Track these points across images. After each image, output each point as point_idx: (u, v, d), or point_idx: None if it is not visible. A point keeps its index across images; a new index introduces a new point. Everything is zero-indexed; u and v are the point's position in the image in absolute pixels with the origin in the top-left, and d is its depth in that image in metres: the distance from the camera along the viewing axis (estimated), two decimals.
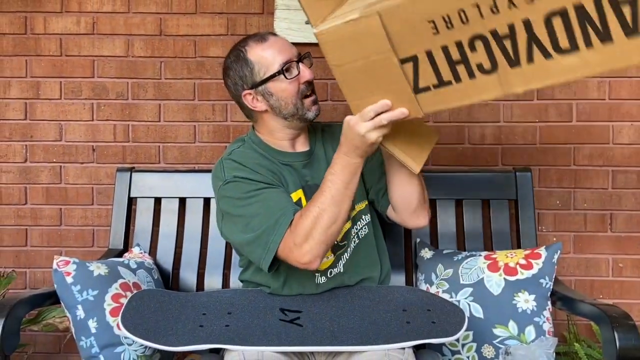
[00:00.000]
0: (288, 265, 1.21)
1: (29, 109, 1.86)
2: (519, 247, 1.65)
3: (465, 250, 1.62)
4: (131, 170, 1.75)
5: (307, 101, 1.30)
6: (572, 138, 1.82)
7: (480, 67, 0.93)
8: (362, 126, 1.09)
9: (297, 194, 1.31)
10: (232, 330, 1.18)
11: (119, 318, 1.22)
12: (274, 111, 1.30)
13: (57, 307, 1.58)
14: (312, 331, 1.18)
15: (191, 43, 1.84)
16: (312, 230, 1.14)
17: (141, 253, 1.66)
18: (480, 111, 1.82)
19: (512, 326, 1.37)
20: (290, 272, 1.29)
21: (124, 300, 1.35)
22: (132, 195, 1.74)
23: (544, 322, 1.39)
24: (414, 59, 0.99)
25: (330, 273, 1.33)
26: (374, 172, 1.40)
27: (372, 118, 1.08)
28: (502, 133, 1.82)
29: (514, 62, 0.90)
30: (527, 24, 0.87)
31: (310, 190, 1.30)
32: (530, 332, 1.37)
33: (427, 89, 1.01)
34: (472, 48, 0.93)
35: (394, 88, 1.04)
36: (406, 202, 1.32)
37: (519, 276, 1.40)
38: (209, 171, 1.76)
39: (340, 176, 1.16)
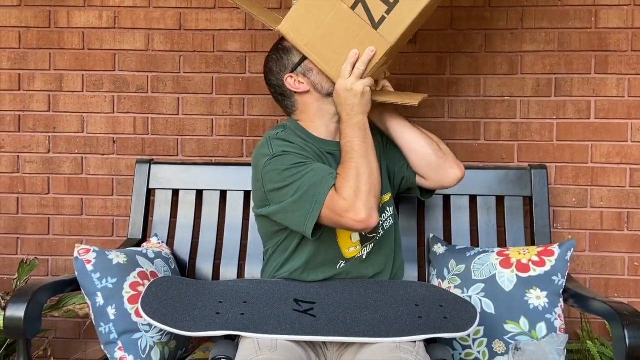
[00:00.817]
0: (313, 245, 1.26)
1: (52, 101, 1.91)
2: (532, 244, 1.65)
3: (478, 247, 1.62)
4: (150, 162, 1.79)
5: None
6: (590, 135, 1.81)
7: None
8: (345, 83, 1.24)
9: None
10: (247, 318, 1.21)
11: (139, 303, 1.26)
12: (316, 89, 1.35)
13: (78, 294, 1.63)
14: (325, 322, 1.21)
15: (210, 37, 1.87)
16: (358, 184, 1.19)
17: (159, 243, 1.70)
18: (496, 107, 1.81)
19: (524, 322, 1.38)
20: (314, 255, 1.32)
21: (142, 289, 1.39)
22: (150, 187, 1.77)
23: (556, 319, 1.39)
24: (362, 1, 1.21)
25: (354, 259, 1.36)
26: (395, 157, 1.44)
27: (351, 72, 1.24)
28: (519, 129, 1.82)
29: None
30: None
31: None
32: (541, 328, 1.37)
33: (382, 19, 1.20)
34: None
35: (358, 37, 1.22)
36: (424, 158, 1.37)
37: (532, 273, 1.40)
38: (225, 164, 1.82)
39: (353, 136, 1.25)
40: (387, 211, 1.40)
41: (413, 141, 1.37)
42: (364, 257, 1.37)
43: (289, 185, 1.24)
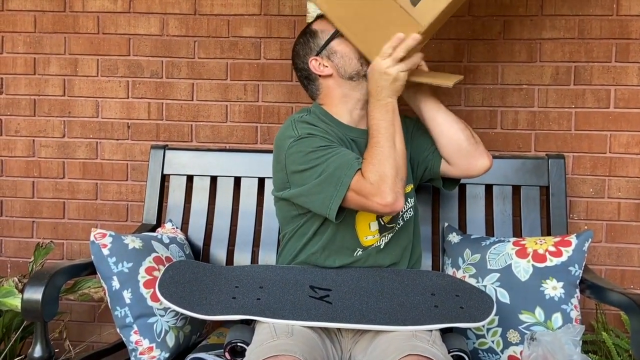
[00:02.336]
0: (331, 231, 1.27)
1: (67, 86, 1.91)
2: (548, 234, 1.63)
3: (493, 236, 1.61)
4: (165, 147, 1.79)
5: None
6: (609, 125, 1.78)
7: None
8: (383, 63, 1.21)
9: None
10: (263, 304, 1.21)
11: (157, 286, 1.27)
12: (339, 73, 1.34)
13: (93, 278, 1.64)
14: (340, 309, 1.21)
15: (225, 22, 1.86)
16: (384, 168, 1.18)
17: (173, 228, 1.71)
18: (514, 96, 1.79)
19: (539, 312, 1.37)
20: (330, 241, 1.32)
21: (157, 274, 1.40)
22: (165, 173, 1.78)
23: (572, 309, 1.38)
24: None
25: (371, 247, 1.36)
26: (420, 146, 1.43)
27: (390, 54, 1.21)
28: (536, 118, 1.79)
29: None
30: None
31: None
32: (557, 319, 1.36)
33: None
34: None
35: (392, 17, 1.19)
36: (455, 144, 1.35)
37: (548, 263, 1.39)
38: (240, 150, 1.81)
39: (380, 118, 1.24)
40: (408, 202, 1.38)
41: (447, 124, 1.35)
42: (381, 246, 1.36)
43: (314, 167, 1.23)
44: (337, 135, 1.32)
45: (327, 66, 1.34)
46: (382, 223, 1.33)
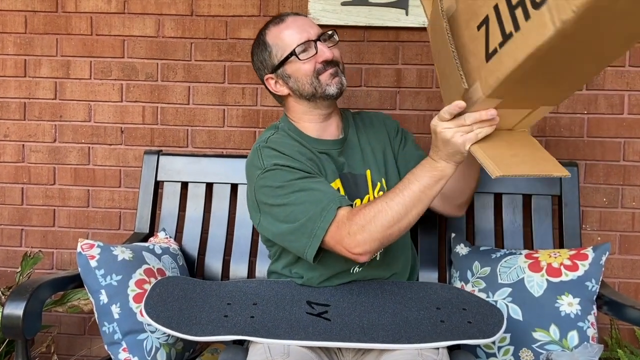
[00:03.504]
0: (324, 254, 1.16)
1: (59, 89, 1.84)
2: (561, 246, 1.56)
3: (503, 248, 1.53)
4: (159, 153, 1.72)
5: (324, 76, 1.24)
6: (623, 131, 1.70)
7: (533, 1, 0.81)
8: (439, 125, 1.02)
9: (336, 184, 1.25)
10: (257, 322, 1.13)
11: (142, 305, 1.19)
12: (295, 94, 1.28)
13: (82, 289, 1.55)
14: (340, 326, 1.12)
15: (222, 24, 1.79)
16: (371, 223, 1.07)
17: (167, 238, 1.63)
18: None
19: (554, 330, 1.29)
20: (324, 261, 1.22)
21: (148, 287, 1.32)
22: (159, 179, 1.70)
23: (589, 327, 1.30)
24: (486, 21, 0.91)
25: (368, 262, 1.27)
26: (409, 157, 1.37)
27: (448, 120, 1.01)
28: (547, 124, 1.72)
29: None
30: None
31: (347, 179, 1.26)
32: (573, 337, 1.28)
33: (494, 52, 0.89)
34: None
35: (452, 63, 0.96)
36: (457, 195, 1.29)
37: (563, 278, 1.31)
38: (237, 156, 1.74)
39: (420, 178, 1.07)
40: None
41: (464, 177, 1.25)
42: (377, 258, 1.28)
43: (283, 206, 1.16)
44: (307, 156, 1.24)
45: (282, 86, 1.29)
46: None
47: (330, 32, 1.28)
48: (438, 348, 1.10)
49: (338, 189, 1.24)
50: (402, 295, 1.24)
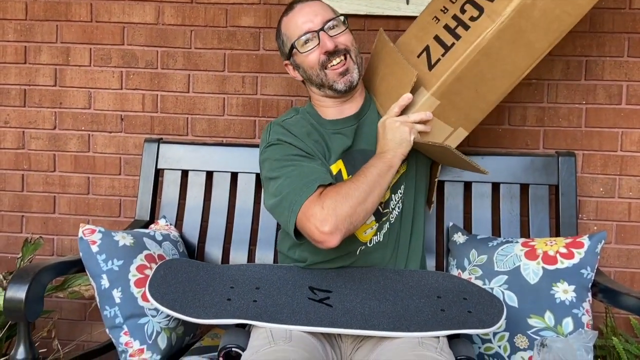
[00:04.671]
0: None
1: (59, 76, 1.84)
2: (557, 235, 1.57)
3: (500, 237, 1.54)
4: (159, 141, 1.73)
5: (331, 72, 1.26)
6: (621, 122, 1.71)
7: (471, 18, 1.14)
8: (388, 121, 1.21)
9: (337, 165, 1.28)
10: (260, 306, 1.15)
11: (146, 287, 1.20)
12: (307, 82, 1.33)
13: (83, 275, 1.57)
14: (341, 313, 1.14)
15: (222, 12, 1.79)
16: (342, 200, 1.10)
17: (167, 225, 1.64)
18: (522, 91, 1.72)
19: (549, 317, 1.30)
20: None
21: (149, 272, 1.34)
22: (159, 167, 1.71)
23: (583, 314, 1.31)
24: (427, 49, 1.23)
25: (371, 242, 1.30)
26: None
27: (397, 114, 1.21)
28: (545, 114, 1.73)
29: None
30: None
31: (351, 156, 1.29)
32: (567, 324, 1.30)
33: (437, 61, 1.18)
34: (463, 11, 1.18)
35: (401, 70, 1.24)
36: None
37: (559, 265, 1.33)
38: (237, 145, 1.75)
39: (375, 165, 1.18)
40: (400, 192, 1.33)
41: None
42: (380, 239, 1.30)
43: (276, 178, 1.20)
44: (315, 138, 1.29)
45: (297, 72, 1.34)
46: (377, 207, 1.24)
47: (336, 20, 1.27)
48: (438, 337, 1.11)
49: (339, 171, 1.27)
50: (403, 283, 1.25)
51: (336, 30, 1.26)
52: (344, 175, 1.27)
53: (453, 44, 1.16)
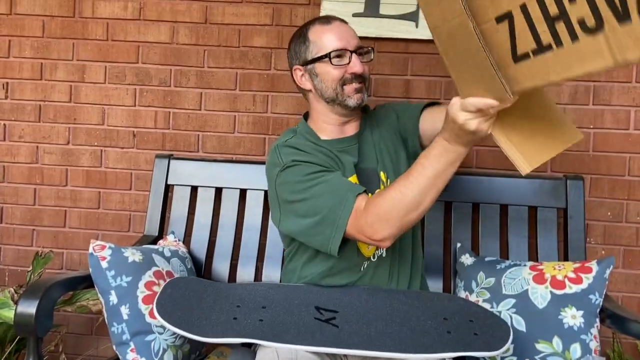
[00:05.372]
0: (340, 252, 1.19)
1: (74, 92, 1.88)
2: (565, 259, 1.57)
3: (508, 259, 1.54)
4: (169, 157, 1.75)
5: (348, 88, 1.29)
6: (629, 147, 1.72)
7: (582, 24, 0.71)
8: (461, 115, 0.96)
9: (353, 178, 1.29)
10: (266, 326, 1.15)
11: (154, 304, 1.21)
12: (317, 92, 1.33)
13: (91, 290, 1.58)
14: (348, 333, 1.14)
15: (235, 32, 1.82)
16: (389, 213, 1.09)
17: (175, 241, 1.66)
18: None
19: (557, 342, 1.30)
20: (337, 260, 1.27)
21: (157, 289, 1.35)
22: (169, 182, 1.73)
23: (591, 340, 1.31)
24: (509, 17, 0.80)
25: (374, 256, 1.31)
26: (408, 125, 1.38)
27: (474, 112, 0.95)
28: None
29: (622, 16, 0.65)
30: None
31: (362, 174, 1.31)
32: (575, 350, 1.29)
33: (525, 56, 0.81)
34: (573, 1, 0.72)
35: (481, 61, 0.86)
36: None
37: (567, 290, 1.32)
38: (246, 162, 1.77)
39: (434, 162, 1.05)
40: None
41: None
42: (383, 255, 1.31)
43: (304, 200, 1.20)
44: (324, 152, 1.29)
45: (307, 81, 1.33)
46: None
47: (368, 48, 1.33)
48: (444, 359, 1.11)
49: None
50: (409, 305, 1.25)
51: (365, 58, 1.32)
52: None
53: (550, 46, 0.77)
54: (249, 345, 1.22)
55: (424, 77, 1.77)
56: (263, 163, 1.73)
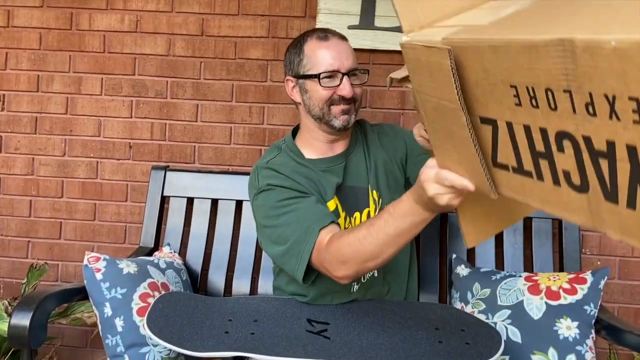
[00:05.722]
0: (322, 276, 1.18)
1: (70, 104, 1.88)
2: (561, 269, 1.57)
3: (503, 270, 1.55)
4: (165, 168, 1.75)
5: (335, 109, 1.26)
6: None
7: (567, 176, 0.62)
8: (431, 188, 0.86)
9: (334, 202, 1.28)
10: (257, 339, 1.15)
11: (145, 319, 1.21)
12: (305, 107, 1.30)
13: (86, 302, 1.58)
14: (339, 345, 1.14)
15: (232, 44, 1.83)
16: (348, 257, 1.07)
17: (171, 253, 1.66)
18: None
19: (552, 354, 1.29)
20: (324, 282, 1.24)
21: (152, 300, 1.34)
22: (165, 194, 1.73)
23: (587, 351, 1.30)
24: (494, 124, 0.71)
25: (364, 278, 1.30)
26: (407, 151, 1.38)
27: (447, 187, 0.85)
28: None
29: (609, 194, 0.57)
30: (633, 153, 0.51)
31: (346, 194, 1.29)
32: None
33: (505, 167, 0.72)
34: (559, 147, 0.61)
35: (467, 149, 0.76)
36: None
37: (562, 301, 1.32)
38: (242, 173, 1.77)
39: (398, 221, 0.98)
40: None
41: None
42: (375, 275, 1.30)
43: (275, 227, 1.19)
44: (306, 175, 1.26)
45: (297, 94, 1.31)
46: None
47: (362, 70, 1.30)
48: None
49: (336, 207, 1.27)
50: (401, 315, 1.25)
51: (357, 81, 1.28)
52: (340, 211, 1.27)
53: (530, 174, 0.67)
54: (241, 358, 1.21)
55: None
56: None
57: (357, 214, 1.30)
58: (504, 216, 0.90)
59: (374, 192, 1.33)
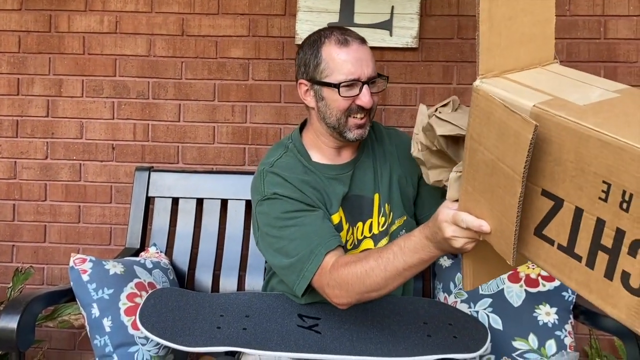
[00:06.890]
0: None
1: (51, 107, 1.88)
2: None
3: None
4: (150, 169, 1.76)
5: (352, 121, 1.21)
6: None
7: (625, 276, 0.63)
8: (449, 229, 0.86)
9: (339, 215, 1.25)
10: (249, 334, 1.17)
11: (137, 316, 1.22)
12: (319, 114, 1.24)
13: (73, 304, 1.58)
14: (330, 339, 1.16)
15: (212, 44, 1.84)
16: (349, 284, 1.06)
17: (157, 253, 1.66)
18: None
19: (532, 339, 1.33)
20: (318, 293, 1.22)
21: (139, 300, 1.35)
22: (150, 195, 1.74)
23: (566, 336, 1.35)
24: (558, 201, 0.70)
25: None
26: (428, 202, 1.33)
27: (464, 229, 0.85)
28: None
29: None
30: None
31: (351, 203, 1.26)
32: (550, 346, 1.33)
33: (549, 240, 0.72)
34: (632, 252, 0.61)
35: (506, 214, 0.75)
36: None
37: (541, 288, 1.36)
38: (227, 172, 1.78)
39: (408, 256, 0.97)
40: (400, 235, 1.28)
41: None
42: None
43: (278, 238, 1.17)
44: (312, 185, 1.22)
45: (311, 98, 1.24)
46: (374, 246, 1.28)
47: (383, 78, 1.23)
48: None
49: (340, 220, 1.24)
50: (390, 310, 1.28)
51: (376, 89, 1.22)
52: (344, 224, 1.25)
53: (579, 259, 0.69)
54: (233, 354, 1.23)
55: (400, 84, 1.81)
56: (244, 173, 1.76)
57: (359, 224, 1.28)
58: (500, 266, 0.92)
59: (386, 205, 1.29)
